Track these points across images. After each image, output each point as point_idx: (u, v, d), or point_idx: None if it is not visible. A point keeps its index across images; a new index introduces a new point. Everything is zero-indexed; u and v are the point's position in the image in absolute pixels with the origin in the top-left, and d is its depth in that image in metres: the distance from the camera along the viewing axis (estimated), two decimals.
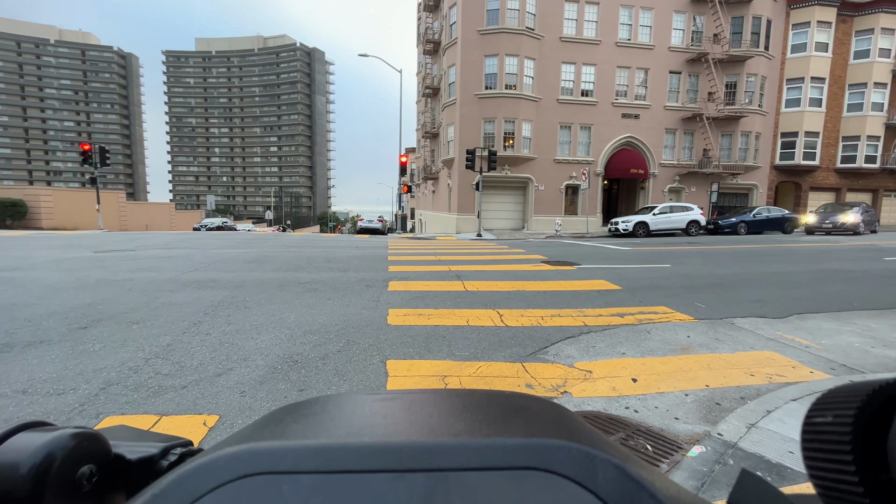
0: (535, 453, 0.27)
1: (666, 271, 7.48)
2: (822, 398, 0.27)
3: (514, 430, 0.31)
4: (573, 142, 23.69)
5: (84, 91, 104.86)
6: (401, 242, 14.85)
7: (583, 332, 3.95)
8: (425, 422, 0.33)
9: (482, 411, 0.35)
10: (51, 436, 0.33)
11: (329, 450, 0.28)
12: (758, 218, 19.80)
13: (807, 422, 0.27)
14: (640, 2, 23.40)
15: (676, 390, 2.75)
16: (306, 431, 0.32)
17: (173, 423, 2.21)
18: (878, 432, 0.24)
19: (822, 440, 0.25)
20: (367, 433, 0.31)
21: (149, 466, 0.39)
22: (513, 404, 0.37)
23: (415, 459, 0.27)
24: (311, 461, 0.27)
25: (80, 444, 0.34)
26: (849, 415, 0.24)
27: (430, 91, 30.47)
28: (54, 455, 0.32)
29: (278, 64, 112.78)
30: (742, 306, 4.96)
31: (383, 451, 0.28)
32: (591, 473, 0.26)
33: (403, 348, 3.42)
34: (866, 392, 0.24)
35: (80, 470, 0.33)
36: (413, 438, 0.30)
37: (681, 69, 24.42)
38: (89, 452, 0.35)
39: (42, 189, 24.81)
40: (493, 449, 0.28)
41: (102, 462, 0.36)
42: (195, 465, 0.28)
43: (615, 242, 15.02)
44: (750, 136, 24.93)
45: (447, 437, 0.30)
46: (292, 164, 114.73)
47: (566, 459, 0.27)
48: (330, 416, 0.35)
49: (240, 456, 0.28)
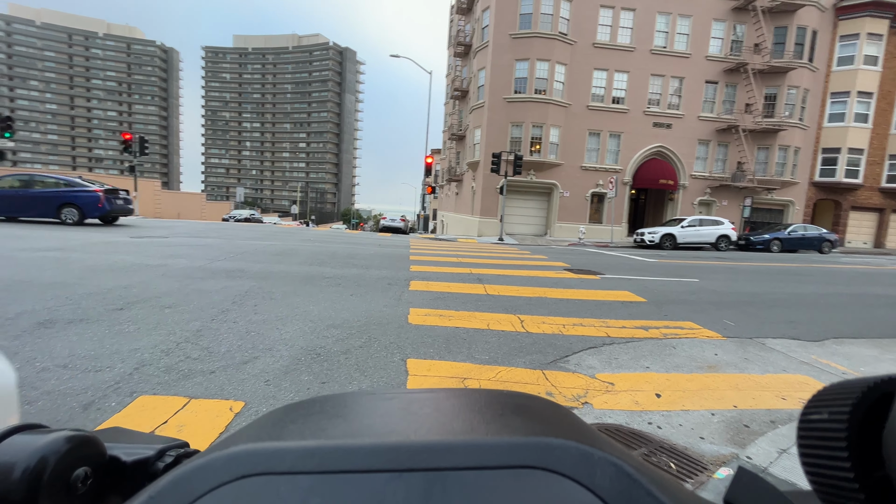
0: (534, 452, 0.27)
1: (694, 286, 7.27)
2: (818, 395, 0.27)
3: (512, 428, 0.31)
4: (601, 149, 23.32)
5: (127, 83, 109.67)
6: (422, 242, 14.92)
7: (605, 343, 3.88)
8: (424, 421, 0.33)
9: (481, 410, 0.35)
10: (45, 438, 0.33)
11: (327, 450, 0.28)
12: (793, 236, 19.04)
13: (802, 419, 0.27)
14: (678, 9, 22.88)
15: (702, 409, 2.67)
16: (304, 432, 0.32)
17: (202, 407, 2.28)
18: (873, 429, 0.24)
19: (818, 437, 0.25)
20: (366, 433, 0.31)
21: (144, 468, 0.38)
22: (512, 403, 0.37)
23: (413, 459, 0.27)
24: (308, 461, 0.27)
25: (74, 446, 0.33)
26: (844, 412, 0.25)
27: (459, 93, 30.54)
28: (48, 458, 0.32)
29: (311, 62, 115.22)
30: (774, 326, 4.78)
31: (381, 451, 0.28)
32: (589, 472, 0.26)
33: (424, 348, 3.43)
34: (861, 389, 0.25)
35: (74, 472, 0.33)
36: (411, 438, 0.29)
37: (717, 79, 23.74)
38: (84, 455, 0.34)
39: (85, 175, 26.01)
40: (492, 448, 0.28)
41: (98, 464, 0.35)
42: (192, 467, 0.28)
43: (640, 253, 14.70)
44: (788, 151, 24.00)
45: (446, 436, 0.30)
46: (319, 161, 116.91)
47: (565, 458, 0.27)
48: (328, 416, 0.35)
49: (237, 457, 0.28)
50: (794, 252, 19.18)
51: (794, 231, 19.20)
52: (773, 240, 18.74)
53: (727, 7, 23.28)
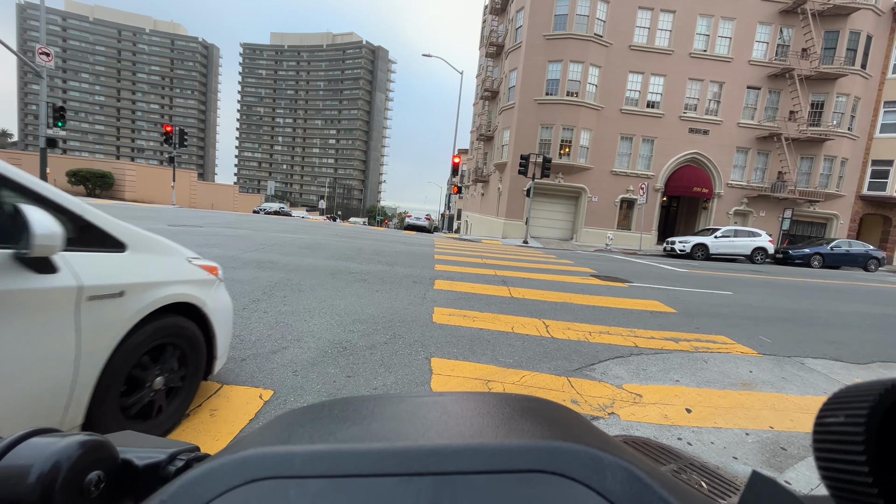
0: (544, 456, 0.27)
1: (727, 299, 7.00)
2: (833, 398, 0.27)
3: (522, 432, 0.31)
4: (633, 154, 22.76)
5: (170, 77, 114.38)
6: (447, 242, 14.95)
7: (633, 353, 3.78)
8: (432, 425, 0.33)
9: (490, 414, 0.35)
10: (59, 443, 0.33)
11: (336, 454, 0.28)
12: (835, 251, 18.06)
13: (818, 422, 0.27)
14: (721, 11, 22.08)
15: (736, 427, 2.57)
16: (313, 436, 0.32)
17: (233, 393, 2.35)
18: (890, 432, 0.23)
19: (835, 440, 0.25)
20: (375, 437, 0.31)
21: (156, 472, 0.39)
22: (520, 407, 0.37)
23: (422, 463, 0.27)
24: (317, 465, 0.27)
25: (87, 450, 0.34)
26: (861, 414, 0.24)
27: (489, 94, 30.43)
28: (62, 462, 0.32)
29: (344, 60, 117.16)
30: (814, 346, 4.55)
31: (390, 455, 0.27)
32: (599, 476, 0.26)
33: (448, 348, 3.43)
34: (878, 391, 0.24)
35: (87, 476, 0.33)
36: (420, 442, 0.29)
37: (760, 84, 22.77)
38: (97, 459, 0.34)
39: (127, 164, 27.30)
40: (501, 452, 0.27)
41: (110, 468, 0.36)
42: (202, 471, 0.28)
43: (670, 263, 14.27)
44: (834, 161, 22.78)
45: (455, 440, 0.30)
46: (348, 157, 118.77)
47: (575, 462, 0.27)
48: (337, 420, 0.35)
49: (247, 461, 0.28)
50: (837, 269, 18.21)
51: (837, 246, 18.21)
52: (814, 254, 17.83)
53: (774, 10, 22.30)
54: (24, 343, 1.34)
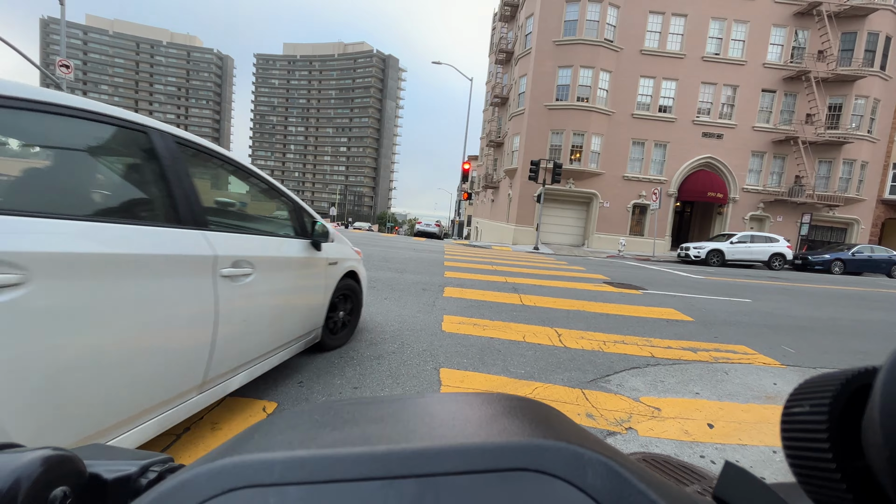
0: (525, 454, 0.27)
1: (746, 306, 6.79)
2: (799, 388, 0.28)
3: (505, 432, 0.31)
4: (645, 159, 22.50)
5: (186, 88, 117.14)
6: (457, 248, 14.87)
7: (649, 363, 3.64)
8: (415, 427, 0.33)
9: (472, 414, 0.35)
10: (20, 459, 0.31)
11: (316, 459, 0.27)
12: (857, 257, 17.53)
13: (785, 411, 0.28)
14: (734, 14, 21.82)
15: (762, 445, 2.42)
16: (292, 441, 0.31)
17: (237, 405, 2.29)
18: (852, 420, 0.24)
19: (800, 429, 0.26)
20: (356, 441, 0.30)
21: (127, 485, 0.37)
22: (504, 406, 0.37)
23: (404, 466, 0.27)
24: (298, 472, 0.27)
25: (51, 466, 0.32)
26: (824, 403, 0.25)
27: (499, 100, 30.45)
28: (22, 480, 0.30)
29: (355, 69, 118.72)
30: (840, 357, 4.34)
31: (372, 459, 0.27)
32: (581, 472, 0.26)
33: (457, 358, 3.34)
34: (840, 381, 0.25)
35: (52, 493, 0.32)
36: (402, 444, 0.29)
37: (775, 87, 22.39)
38: (62, 474, 0.33)
39: None
40: (483, 451, 0.27)
41: (77, 483, 0.34)
42: (177, 482, 0.27)
43: (685, 269, 13.99)
44: (854, 165, 22.22)
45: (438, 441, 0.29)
46: (359, 165, 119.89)
47: (556, 459, 0.27)
48: (317, 425, 0.35)
49: (224, 470, 0.27)
50: (859, 275, 17.66)
51: (858, 252, 17.68)
52: (835, 260, 17.32)
53: (788, 12, 21.97)
54: (315, 280, 2.77)
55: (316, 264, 2.74)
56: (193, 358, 1.69)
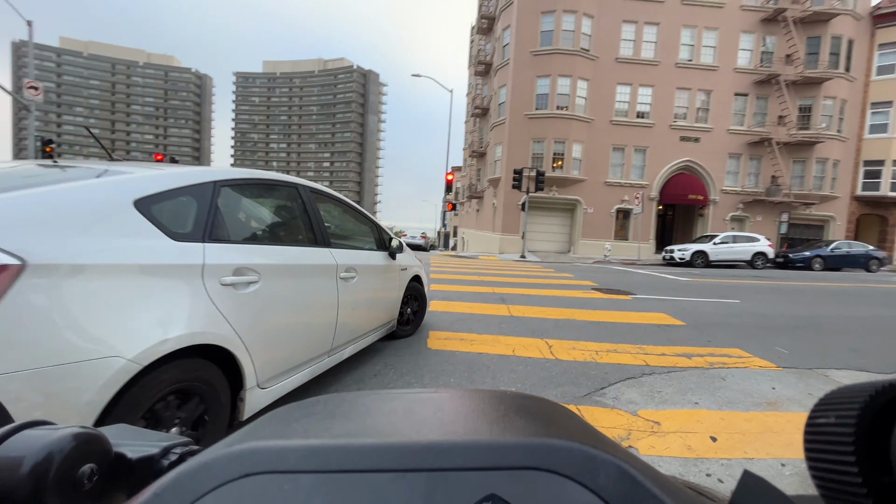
0: (537, 453, 0.27)
1: (735, 307, 6.74)
2: (825, 399, 0.27)
3: (516, 430, 0.31)
4: (626, 164, 22.79)
5: (164, 108, 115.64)
6: (443, 260, 14.69)
7: (644, 372, 3.49)
8: (427, 421, 0.33)
9: (485, 411, 0.35)
10: (53, 435, 0.33)
11: (330, 449, 0.28)
12: (836, 253, 17.90)
13: (809, 422, 0.26)
14: (703, 22, 22.46)
15: (769, 457, 2.27)
16: (307, 431, 0.32)
17: None
18: (881, 433, 0.23)
19: (825, 440, 0.25)
20: (369, 433, 0.31)
21: (149, 466, 0.38)
22: (514, 404, 0.37)
23: (416, 459, 0.27)
24: (312, 461, 0.27)
25: (80, 443, 0.34)
26: (851, 415, 0.24)
27: (479, 111, 30.66)
28: (55, 454, 0.32)
29: (336, 85, 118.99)
30: (835, 355, 4.27)
31: (384, 451, 0.28)
32: (592, 474, 0.26)
33: (444, 377, 3.15)
34: (869, 393, 0.24)
35: (80, 469, 0.33)
36: (415, 438, 0.29)
37: (747, 91, 23.02)
38: (90, 452, 0.34)
39: None
40: (495, 449, 0.28)
41: (103, 461, 0.36)
42: (196, 465, 0.28)
43: (671, 272, 14.04)
44: (826, 164, 22.87)
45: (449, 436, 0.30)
46: (342, 180, 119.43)
47: (568, 460, 0.27)
48: (331, 415, 0.35)
49: (241, 455, 0.28)
50: (838, 270, 18.01)
51: (837, 248, 18.06)
52: (815, 257, 17.65)
53: (755, 19, 22.72)
54: (392, 282, 3.57)
55: (392, 269, 3.57)
56: (327, 331, 2.54)
